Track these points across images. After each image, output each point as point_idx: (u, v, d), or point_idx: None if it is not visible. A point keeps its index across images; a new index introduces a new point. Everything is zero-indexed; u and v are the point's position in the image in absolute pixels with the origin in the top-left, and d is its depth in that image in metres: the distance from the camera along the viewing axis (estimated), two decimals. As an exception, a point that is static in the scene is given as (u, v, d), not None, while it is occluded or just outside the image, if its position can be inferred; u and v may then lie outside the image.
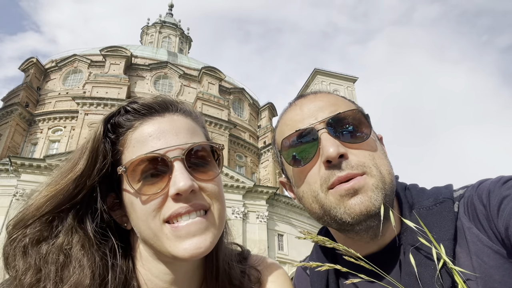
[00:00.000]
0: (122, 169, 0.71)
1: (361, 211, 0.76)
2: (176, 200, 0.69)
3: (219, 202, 0.75)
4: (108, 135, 0.75)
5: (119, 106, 0.78)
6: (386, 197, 0.78)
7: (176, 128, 0.75)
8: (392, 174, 0.83)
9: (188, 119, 0.79)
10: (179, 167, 0.70)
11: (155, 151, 0.70)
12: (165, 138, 0.72)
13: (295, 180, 0.89)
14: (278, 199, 29.15)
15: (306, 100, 0.90)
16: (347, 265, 0.75)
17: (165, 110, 0.78)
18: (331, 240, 0.75)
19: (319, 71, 51.08)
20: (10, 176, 24.46)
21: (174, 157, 0.70)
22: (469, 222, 0.75)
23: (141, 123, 0.75)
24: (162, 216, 0.70)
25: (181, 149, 0.72)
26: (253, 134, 37.58)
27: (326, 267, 0.73)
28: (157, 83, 34.25)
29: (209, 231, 0.71)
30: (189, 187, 0.68)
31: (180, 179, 0.68)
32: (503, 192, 0.71)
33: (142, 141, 0.73)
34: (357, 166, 0.78)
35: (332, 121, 0.82)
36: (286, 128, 0.88)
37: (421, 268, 0.74)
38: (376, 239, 0.83)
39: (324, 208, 0.81)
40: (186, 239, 0.69)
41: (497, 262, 0.68)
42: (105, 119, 0.76)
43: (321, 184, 0.80)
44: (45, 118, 31.05)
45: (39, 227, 0.71)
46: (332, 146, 0.78)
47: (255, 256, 0.94)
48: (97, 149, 0.72)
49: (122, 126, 0.75)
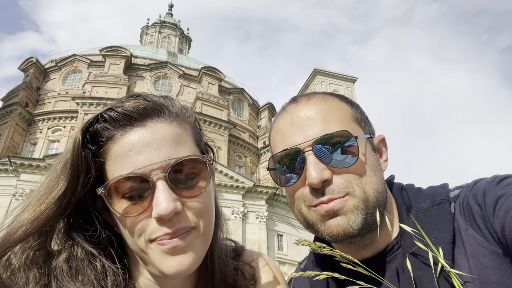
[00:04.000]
0: (101, 190, 0.66)
1: (338, 232, 0.77)
2: (159, 222, 0.66)
3: (206, 217, 0.72)
4: (88, 146, 0.69)
5: (95, 114, 0.71)
6: (368, 216, 0.78)
7: (159, 140, 0.69)
8: (379, 191, 0.82)
9: (172, 126, 0.72)
10: (162, 186, 0.65)
11: (135, 170, 0.65)
12: (147, 152, 0.67)
13: (285, 191, 0.90)
14: (278, 199, 29.16)
15: (298, 107, 0.87)
16: (346, 271, 0.74)
17: (146, 118, 0.71)
18: (328, 246, 0.75)
19: (318, 71, 51.06)
20: (10, 176, 24.46)
21: (157, 176, 0.66)
22: (465, 223, 0.74)
23: (121, 135, 0.69)
24: (147, 236, 0.67)
25: (164, 166, 0.66)
26: (252, 134, 37.57)
27: (324, 276, 0.72)
28: (156, 83, 34.26)
29: (193, 250, 0.68)
30: (171, 211, 0.64)
31: (161, 202, 0.64)
32: (498, 192, 0.71)
33: (122, 156, 0.67)
34: (339, 190, 0.78)
35: (319, 143, 0.80)
36: (277, 139, 0.88)
37: (421, 272, 0.73)
38: (368, 248, 0.84)
39: (307, 222, 0.83)
40: (170, 256, 0.67)
41: (493, 263, 0.68)
42: (83, 129, 0.69)
43: (304, 201, 0.82)
44: (44, 118, 31.06)
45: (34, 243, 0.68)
46: (316, 172, 0.77)
47: (249, 252, 0.93)
48: (78, 164, 0.67)
49: (102, 135, 0.69)
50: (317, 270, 0.78)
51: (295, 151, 0.81)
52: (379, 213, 0.77)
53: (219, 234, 0.85)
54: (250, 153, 35.55)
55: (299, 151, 0.81)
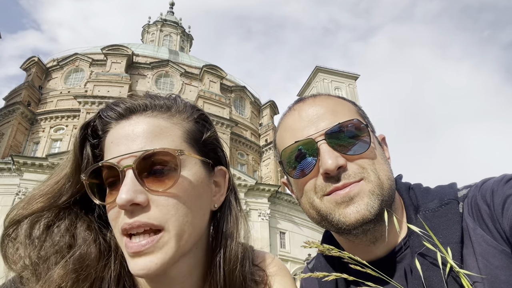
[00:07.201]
0: (82, 177, 0.71)
1: (356, 220, 0.77)
2: (124, 213, 0.66)
3: (178, 215, 0.68)
4: (88, 139, 0.76)
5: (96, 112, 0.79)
6: (383, 202, 0.78)
7: (136, 132, 0.70)
8: (392, 179, 0.83)
9: (157, 119, 0.73)
10: (128, 177, 0.66)
11: (109, 159, 0.69)
12: (124, 144, 0.69)
13: (294, 186, 0.90)
14: (280, 197, 29.18)
15: (305, 104, 0.89)
16: (355, 271, 0.74)
17: (132, 113, 0.74)
18: (336, 248, 0.75)
19: (320, 69, 50.98)
20: (13, 175, 24.55)
21: (126, 166, 0.67)
22: (473, 222, 0.74)
23: (111, 128, 0.74)
24: (119, 227, 0.67)
25: (134, 156, 0.67)
26: (254, 132, 37.56)
27: (333, 277, 0.72)
28: (158, 81, 34.27)
29: (158, 252, 0.66)
30: (126, 201, 0.63)
31: (121, 192, 0.64)
32: (506, 191, 0.70)
33: (106, 147, 0.72)
34: (354, 174, 0.79)
35: (331, 132, 0.81)
36: (285, 135, 0.88)
37: (429, 273, 0.73)
38: (379, 243, 0.83)
39: (320, 214, 0.82)
40: (134, 257, 0.66)
41: (502, 263, 0.68)
42: (83, 125, 0.76)
43: (316, 192, 0.81)
44: (47, 117, 31.15)
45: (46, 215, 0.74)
46: (331, 159, 0.77)
47: (258, 253, 0.91)
48: (77, 153, 0.74)
49: (100, 130, 0.76)
50: (326, 270, 0.78)
51: (308, 142, 0.82)
52: (387, 213, 0.76)
53: (232, 243, 0.79)
54: (252, 151, 35.56)
55: (311, 141, 0.81)
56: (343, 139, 0.81)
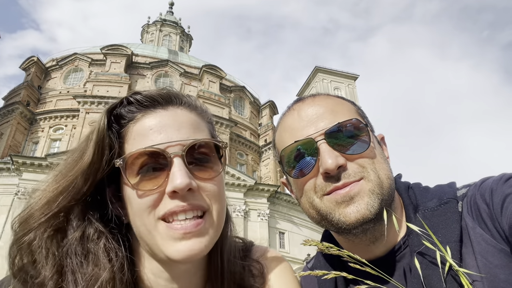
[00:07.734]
0: (119, 162, 0.69)
1: (357, 219, 0.77)
2: (172, 197, 0.67)
3: (219, 203, 0.73)
4: (112, 126, 0.72)
5: (121, 97, 0.76)
6: (383, 202, 0.78)
7: (179, 122, 0.72)
8: (391, 179, 0.83)
9: (192, 114, 0.77)
10: (178, 163, 0.67)
11: (154, 145, 0.68)
12: (167, 132, 0.70)
13: (293, 186, 0.90)
14: (280, 197, 29.18)
15: (304, 104, 0.89)
16: (355, 270, 0.74)
17: (169, 103, 0.75)
18: (335, 246, 0.75)
19: (320, 69, 51.01)
20: (12, 175, 24.53)
21: (174, 153, 0.68)
22: (472, 221, 0.74)
23: (143, 115, 0.73)
24: (157, 213, 0.68)
25: (182, 145, 0.69)
26: (254, 132, 37.55)
27: (332, 275, 0.72)
28: (157, 81, 34.22)
29: (205, 234, 0.69)
30: (186, 185, 0.66)
31: (177, 176, 0.66)
32: (505, 190, 0.71)
33: (142, 134, 0.71)
34: (354, 174, 0.79)
35: (331, 131, 0.81)
36: (285, 135, 0.88)
37: (429, 271, 0.73)
38: (378, 243, 0.83)
39: (320, 214, 0.82)
40: (180, 240, 0.67)
41: (502, 261, 0.68)
42: (108, 110, 0.73)
43: (316, 191, 0.81)
44: (46, 116, 31.09)
45: (53, 221, 0.70)
46: (331, 158, 0.78)
47: (257, 247, 0.92)
48: (103, 140, 0.70)
49: (124, 117, 0.73)
50: (325, 269, 0.78)
51: (307, 142, 0.82)
52: (386, 212, 0.76)
53: (228, 233, 0.84)
54: (252, 151, 35.54)
55: (311, 141, 0.81)
56: (342, 139, 0.81)
